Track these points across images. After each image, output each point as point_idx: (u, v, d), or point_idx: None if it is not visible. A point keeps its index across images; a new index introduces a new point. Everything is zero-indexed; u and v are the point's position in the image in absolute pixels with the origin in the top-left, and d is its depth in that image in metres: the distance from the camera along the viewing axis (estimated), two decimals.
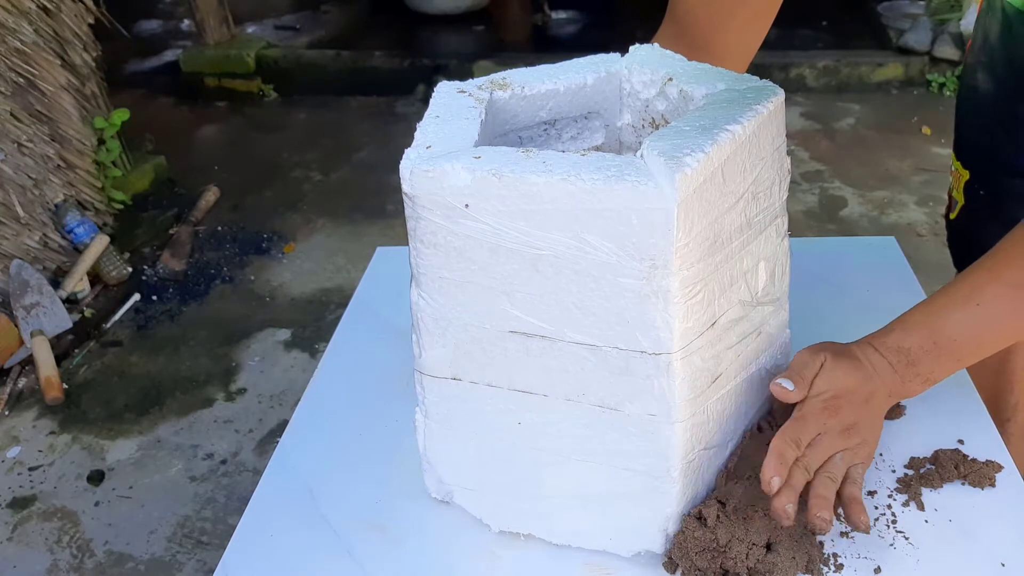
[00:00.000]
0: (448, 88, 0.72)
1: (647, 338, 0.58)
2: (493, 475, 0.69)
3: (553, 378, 0.62)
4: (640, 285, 0.56)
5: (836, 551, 0.65)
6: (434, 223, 0.60)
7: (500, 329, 0.62)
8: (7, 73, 2.40)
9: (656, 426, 0.61)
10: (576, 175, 0.55)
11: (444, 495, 0.73)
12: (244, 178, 3.22)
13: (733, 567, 0.61)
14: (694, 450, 0.63)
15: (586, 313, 0.59)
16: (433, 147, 0.61)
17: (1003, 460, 0.73)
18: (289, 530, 0.73)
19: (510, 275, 0.59)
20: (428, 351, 0.66)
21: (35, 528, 1.82)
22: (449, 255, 0.61)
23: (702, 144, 0.57)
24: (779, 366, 0.74)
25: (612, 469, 0.64)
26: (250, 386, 2.19)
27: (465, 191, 0.58)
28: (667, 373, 0.59)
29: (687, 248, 0.56)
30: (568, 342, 0.60)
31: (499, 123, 0.73)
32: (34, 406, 2.17)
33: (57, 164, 2.58)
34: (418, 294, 0.65)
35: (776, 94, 0.65)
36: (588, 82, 0.75)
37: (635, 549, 0.66)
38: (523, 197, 0.56)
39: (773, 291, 0.69)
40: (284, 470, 0.80)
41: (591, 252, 0.56)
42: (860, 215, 2.74)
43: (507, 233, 0.58)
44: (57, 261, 2.57)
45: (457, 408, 0.67)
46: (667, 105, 0.73)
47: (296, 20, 4.53)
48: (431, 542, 0.71)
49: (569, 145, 0.78)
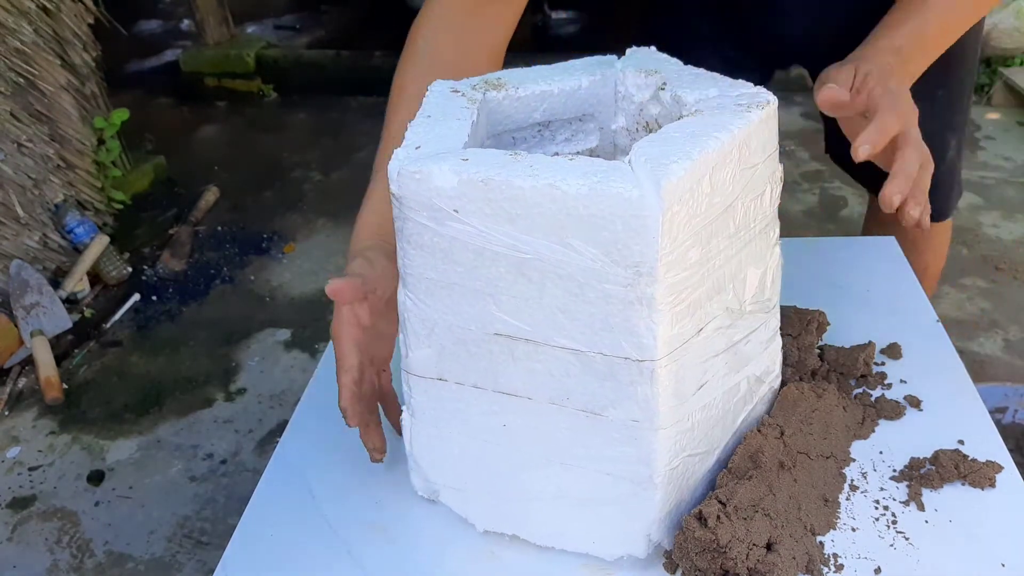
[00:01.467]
0: (441, 87, 0.72)
1: (631, 344, 0.58)
2: (478, 475, 0.69)
3: (538, 381, 0.62)
4: (624, 292, 0.56)
5: (836, 551, 0.65)
6: (420, 224, 0.60)
7: (485, 331, 0.62)
8: (7, 73, 2.41)
9: (639, 432, 0.61)
10: (562, 180, 0.55)
11: (430, 494, 0.73)
12: (244, 178, 3.23)
13: (733, 567, 0.61)
14: (678, 456, 0.63)
15: (571, 318, 0.59)
16: (422, 148, 0.61)
17: (1003, 461, 0.72)
18: (289, 530, 0.73)
19: (496, 278, 0.59)
20: (414, 351, 0.66)
21: (35, 528, 1.82)
22: (435, 257, 0.61)
23: (689, 151, 0.56)
24: (769, 373, 0.74)
25: (595, 474, 0.64)
26: (250, 386, 2.19)
27: (451, 193, 0.58)
28: (651, 380, 0.59)
29: (672, 256, 0.56)
30: (553, 346, 0.60)
31: (492, 124, 0.73)
32: (34, 406, 2.17)
33: (57, 164, 2.59)
34: (405, 294, 0.65)
35: (768, 101, 0.64)
36: (583, 84, 0.75)
37: (618, 553, 0.66)
38: (509, 201, 0.56)
39: (763, 299, 0.69)
40: (284, 470, 0.80)
41: (576, 257, 0.56)
42: (860, 215, 2.73)
43: (493, 236, 0.58)
44: (57, 261, 2.57)
45: (443, 408, 0.68)
46: (660, 109, 0.73)
47: (296, 20, 4.53)
48: (431, 542, 0.71)
49: (563, 147, 0.78)
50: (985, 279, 2.35)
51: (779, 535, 0.63)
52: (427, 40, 0.85)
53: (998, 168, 2.94)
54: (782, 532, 0.63)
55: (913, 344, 0.87)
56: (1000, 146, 3.09)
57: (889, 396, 0.81)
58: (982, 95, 3.44)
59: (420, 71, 0.84)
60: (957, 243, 2.49)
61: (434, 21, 0.86)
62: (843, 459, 0.74)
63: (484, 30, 0.87)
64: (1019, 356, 2.07)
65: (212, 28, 3.97)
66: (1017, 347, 2.10)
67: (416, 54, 0.85)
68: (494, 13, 0.87)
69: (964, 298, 2.28)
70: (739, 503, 0.64)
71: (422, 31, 0.85)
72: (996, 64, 3.44)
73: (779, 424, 0.72)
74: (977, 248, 2.48)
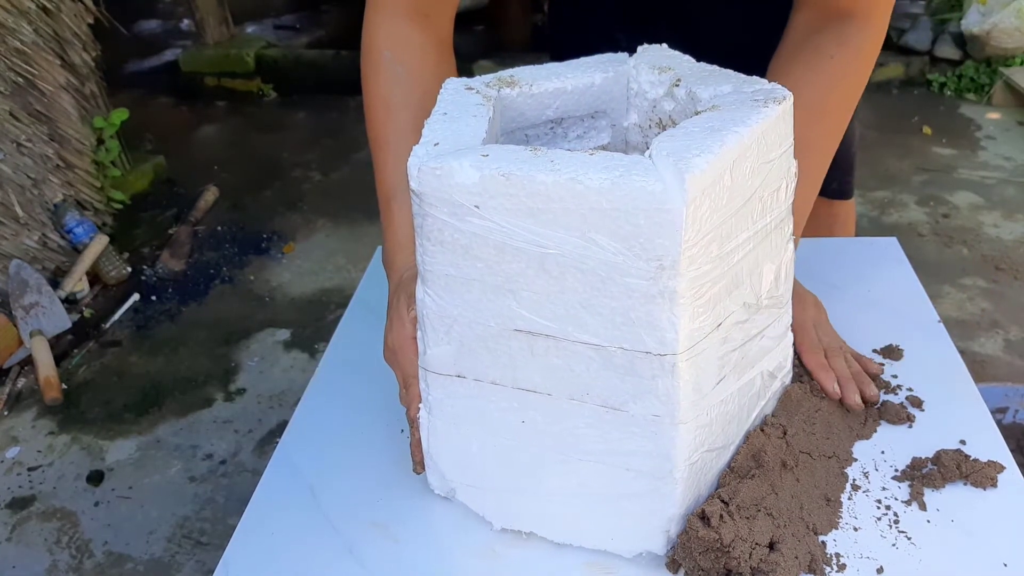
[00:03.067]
0: (456, 85, 0.72)
1: (652, 338, 0.58)
2: (496, 473, 0.68)
3: (558, 377, 0.62)
4: (647, 285, 0.56)
5: (839, 551, 0.65)
6: (441, 220, 0.60)
7: (505, 327, 0.62)
8: (7, 73, 2.40)
9: (660, 427, 0.61)
10: (584, 175, 0.55)
11: (447, 492, 0.73)
12: (244, 178, 3.22)
13: (736, 567, 0.61)
14: (697, 451, 0.63)
15: (592, 313, 0.59)
16: (441, 144, 0.61)
17: (1005, 460, 0.73)
18: (289, 530, 0.73)
19: (516, 274, 0.59)
20: (433, 348, 0.66)
21: (34, 528, 1.81)
22: (455, 253, 0.61)
23: (711, 145, 0.56)
24: (782, 368, 0.74)
25: (615, 469, 0.64)
26: (250, 386, 2.19)
27: (472, 189, 0.57)
28: (672, 374, 0.59)
29: (694, 249, 0.56)
30: (573, 341, 0.60)
31: (505, 121, 0.73)
32: (33, 406, 2.17)
33: (56, 164, 2.58)
34: (424, 291, 0.65)
35: (785, 97, 0.64)
36: (596, 81, 0.75)
37: (636, 550, 0.66)
38: (530, 196, 0.56)
39: (777, 294, 0.69)
40: (284, 470, 0.80)
41: (598, 252, 0.56)
42: (860, 215, 2.74)
43: (514, 232, 0.58)
44: (56, 261, 2.56)
45: (461, 405, 0.67)
46: (675, 106, 0.73)
47: (296, 20, 4.53)
48: (432, 540, 0.71)
49: (575, 144, 0.78)
50: (986, 279, 2.36)
51: (782, 534, 0.63)
52: (391, 50, 0.88)
53: (998, 168, 2.95)
54: (785, 531, 0.63)
55: (914, 344, 0.87)
56: (1000, 146, 3.10)
57: (891, 397, 0.81)
58: (982, 95, 3.45)
59: (398, 79, 0.86)
60: (957, 243, 2.50)
61: (387, 30, 0.88)
62: (845, 459, 0.74)
63: (431, 29, 0.90)
64: (1020, 356, 2.08)
65: (212, 28, 3.97)
66: (1018, 347, 2.10)
67: (385, 63, 0.87)
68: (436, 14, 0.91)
69: (965, 298, 2.29)
70: (742, 502, 0.64)
71: (379, 42, 0.88)
72: (996, 64, 3.45)
73: (782, 424, 0.72)
74: (977, 248, 2.49)
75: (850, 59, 0.86)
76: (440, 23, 0.91)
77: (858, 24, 0.86)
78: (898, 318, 0.92)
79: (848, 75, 0.86)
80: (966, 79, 3.49)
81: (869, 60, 0.88)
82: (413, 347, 0.72)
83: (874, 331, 0.89)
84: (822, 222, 1.28)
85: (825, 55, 0.85)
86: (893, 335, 0.89)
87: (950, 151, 3.10)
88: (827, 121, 0.86)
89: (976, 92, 3.46)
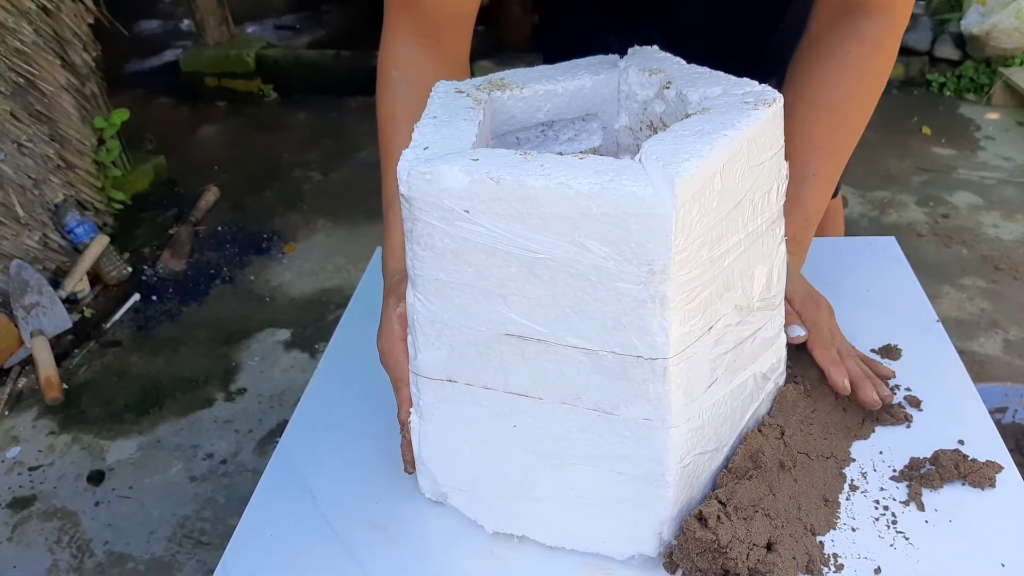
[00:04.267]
0: (446, 88, 0.72)
1: (643, 342, 0.58)
2: (487, 477, 0.68)
3: (549, 381, 0.62)
4: (637, 290, 0.56)
5: (836, 551, 0.65)
6: (431, 225, 0.60)
7: (496, 332, 0.62)
8: (7, 73, 2.40)
9: (651, 430, 0.61)
10: (574, 179, 0.55)
11: (438, 496, 0.73)
12: (244, 178, 3.23)
13: (734, 567, 0.61)
14: (689, 454, 0.63)
15: (582, 317, 0.59)
16: (430, 148, 0.61)
17: (1003, 460, 0.73)
18: (289, 530, 0.73)
19: (507, 278, 0.59)
20: (424, 353, 0.66)
21: (35, 528, 1.82)
22: (445, 257, 0.61)
23: (700, 149, 0.56)
24: (775, 369, 0.74)
25: (607, 473, 0.64)
26: (250, 386, 2.19)
27: (462, 194, 0.57)
28: (663, 378, 0.59)
29: (685, 253, 0.56)
30: (564, 346, 0.60)
31: (496, 124, 0.73)
32: (34, 406, 2.17)
33: (57, 164, 2.58)
34: (414, 295, 0.65)
35: (775, 99, 0.64)
36: (586, 84, 0.75)
37: (629, 552, 0.66)
38: (520, 201, 0.56)
39: (769, 296, 0.69)
40: (284, 470, 0.80)
41: (588, 256, 0.56)
42: (860, 215, 2.74)
43: (504, 236, 0.58)
44: (57, 261, 2.56)
45: (452, 410, 0.67)
46: (665, 108, 0.73)
47: (296, 20, 4.53)
48: (431, 542, 0.71)
49: (566, 147, 0.78)
50: (985, 279, 2.36)
51: (779, 535, 0.63)
52: (399, 70, 0.88)
53: (998, 168, 2.95)
54: (782, 532, 0.63)
55: (913, 344, 0.87)
56: (1000, 146, 3.10)
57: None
58: (982, 95, 3.45)
59: (402, 97, 0.87)
60: (957, 243, 2.50)
61: (397, 52, 0.89)
62: (843, 459, 0.74)
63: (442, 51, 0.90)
64: (1019, 356, 2.08)
65: (212, 28, 3.97)
66: (1017, 347, 2.10)
67: (393, 82, 0.87)
68: (448, 39, 0.91)
69: (964, 298, 2.28)
70: (739, 503, 0.64)
71: (390, 63, 0.88)
72: (996, 64, 3.45)
73: (779, 424, 0.72)
74: (977, 248, 2.48)
75: (872, 56, 0.86)
76: (451, 46, 0.91)
77: (879, 16, 0.85)
78: (897, 318, 0.92)
79: (870, 73, 0.86)
80: (966, 79, 3.49)
81: (890, 54, 0.88)
82: (401, 348, 0.72)
83: (873, 331, 0.89)
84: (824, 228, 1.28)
85: (848, 53, 0.85)
86: (892, 335, 0.88)
87: (950, 151, 3.09)
88: (850, 123, 0.87)
89: (976, 92, 3.46)
